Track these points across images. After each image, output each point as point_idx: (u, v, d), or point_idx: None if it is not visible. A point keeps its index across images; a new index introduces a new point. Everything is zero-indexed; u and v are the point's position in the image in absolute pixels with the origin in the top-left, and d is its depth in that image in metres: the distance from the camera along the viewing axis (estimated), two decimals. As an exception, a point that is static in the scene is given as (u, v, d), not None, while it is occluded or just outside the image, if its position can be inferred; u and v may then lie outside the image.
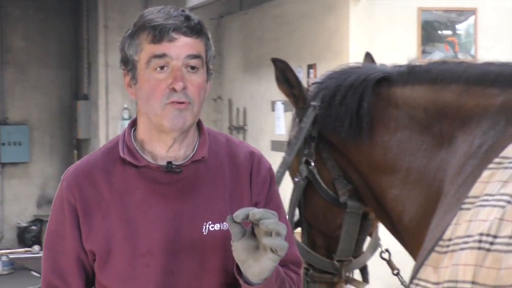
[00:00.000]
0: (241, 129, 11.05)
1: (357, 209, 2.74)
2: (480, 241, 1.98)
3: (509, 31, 8.41)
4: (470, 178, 2.20)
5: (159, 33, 2.18)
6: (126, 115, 11.27)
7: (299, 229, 2.91)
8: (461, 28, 8.37)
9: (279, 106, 9.35)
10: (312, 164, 2.75)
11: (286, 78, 2.87)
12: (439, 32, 8.35)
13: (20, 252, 5.96)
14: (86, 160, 2.33)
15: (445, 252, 2.08)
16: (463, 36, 8.40)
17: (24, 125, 12.02)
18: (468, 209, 2.09)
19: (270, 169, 2.37)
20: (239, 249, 2.08)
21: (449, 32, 8.37)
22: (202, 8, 10.78)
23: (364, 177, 2.67)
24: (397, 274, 2.96)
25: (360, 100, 2.64)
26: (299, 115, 2.84)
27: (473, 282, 1.95)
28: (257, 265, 2.07)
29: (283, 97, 2.97)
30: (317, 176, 2.74)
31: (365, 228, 2.82)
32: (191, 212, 2.24)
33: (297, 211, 2.86)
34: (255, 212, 2.03)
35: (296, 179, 2.80)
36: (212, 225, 2.24)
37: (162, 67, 2.18)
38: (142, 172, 2.25)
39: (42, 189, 12.21)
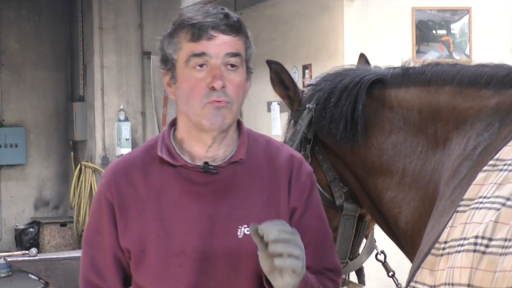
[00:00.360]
0: (237, 129, 11.02)
1: (353, 212, 2.75)
2: (475, 244, 1.98)
3: (503, 30, 8.43)
4: (465, 180, 2.21)
5: (198, 31, 2.17)
6: (122, 117, 11.27)
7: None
8: (455, 27, 8.39)
9: (275, 107, 9.36)
10: (308, 166, 2.75)
11: (281, 80, 2.87)
12: (434, 31, 8.36)
13: (18, 255, 5.94)
14: (126, 158, 2.34)
15: (441, 255, 2.08)
16: (457, 35, 8.42)
17: (20, 127, 12.02)
18: (464, 211, 2.10)
19: (311, 173, 2.35)
20: (263, 261, 2.06)
21: (443, 32, 8.38)
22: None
23: (359, 179, 2.68)
24: (393, 276, 2.96)
25: (354, 103, 2.64)
26: (294, 117, 2.84)
27: (469, 285, 1.96)
28: (280, 279, 2.04)
29: (279, 98, 2.98)
30: (313, 179, 2.75)
31: (361, 230, 2.82)
32: (226, 214, 2.22)
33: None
34: (267, 233, 2.00)
35: (292, 182, 2.81)
36: (248, 228, 2.21)
37: (201, 65, 2.17)
38: (179, 172, 2.25)
39: (39, 191, 12.21)
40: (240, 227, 2.22)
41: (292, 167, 2.31)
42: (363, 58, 3.05)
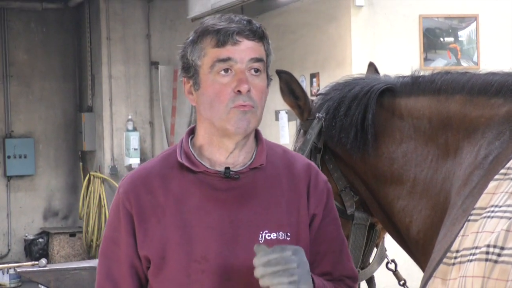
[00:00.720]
0: (245, 138, 11.02)
1: (364, 221, 2.74)
2: (487, 253, 1.98)
3: (511, 36, 8.42)
4: (476, 189, 2.21)
5: (223, 37, 2.19)
6: (130, 127, 11.29)
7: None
8: (463, 34, 8.38)
9: (283, 116, 9.36)
10: (318, 176, 2.75)
11: (291, 90, 2.87)
12: (441, 39, 8.36)
13: (27, 266, 5.96)
14: (143, 167, 2.35)
15: (453, 264, 2.08)
16: (465, 42, 8.41)
17: (29, 138, 12.05)
18: (475, 220, 2.10)
19: (326, 182, 2.38)
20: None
21: (451, 39, 8.38)
22: (204, 19, 10.79)
23: (370, 188, 2.68)
24: (404, 285, 2.96)
25: (364, 112, 2.64)
26: (304, 127, 2.84)
27: (481, 294, 1.96)
28: None
29: (287, 106, 2.98)
30: (324, 188, 2.74)
31: (372, 239, 2.82)
32: (248, 220, 2.24)
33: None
34: (257, 271, 2.08)
35: (302, 191, 2.81)
36: (269, 234, 2.24)
37: (226, 70, 2.19)
38: (199, 178, 2.26)
39: (48, 202, 12.22)
40: (261, 232, 2.24)
41: (310, 175, 2.34)
42: (372, 67, 3.05)
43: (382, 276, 3.07)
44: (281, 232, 2.24)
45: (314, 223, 2.31)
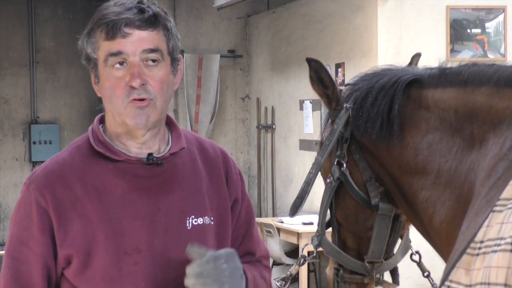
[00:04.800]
0: (269, 128, 11.07)
1: (388, 211, 2.75)
2: (512, 244, 1.99)
3: (538, 29, 8.38)
4: (501, 180, 2.21)
5: (112, 30, 2.12)
6: (155, 114, 11.33)
7: (330, 230, 2.93)
8: (490, 26, 8.35)
9: (308, 105, 9.37)
10: (344, 165, 2.76)
11: (320, 78, 2.86)
12: (468, 30, 8.33)
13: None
14: (54, 161, 2.23)
15: (477, 254, 2.09)
16: (492, 34, 8.37)
17: (55, 124, 12.13)
18: (500, 211, 2.10)
19: (236, 165, 2.42)
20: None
21: (478, 31, 8.35)
22: (229, 7, 10.82)
23: (395, 179, 2.69)
24: (428, 276, 2.96)
25: (391, 102, 2.65)
26: (332, 116, 2.85)
27: (505, 285, 1.95)
28: None
29: (311, 96, 3.00)
30: (349, 178, 2.75)
31: (396, 230, 2.82)
32: (174, 206, 2.20)
33: (328, 212, 2.88)
34: (188, 281, 2.11)
35: (328, 180, 2.82)
36: (196, 219, 2.22)
37: (121, 63, 2.12)
38: (120, 167, 2.18)
39: (72, 188, 12.30)
40: (188, 218, 2.21)
41: (225, 160, 2.36)
42: (417, 57, 3.01)
43: (404, 266, 3.08)
44: (206, 217, 2.24)
45: (235, 207, 2.34)
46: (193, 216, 2.22)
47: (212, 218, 2.26)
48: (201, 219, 2.23)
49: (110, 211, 2.15)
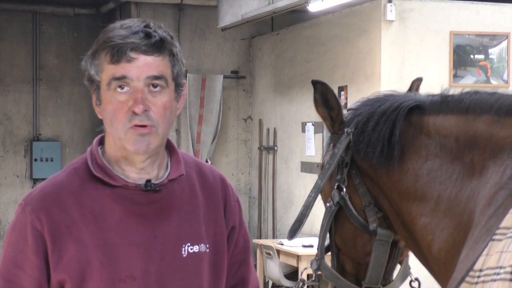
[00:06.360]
0: (271, 149, 11.07)
1: (386, 237, 2.74)
2: None
3: (542, 56, 8.39)
4: (501, 209, 2.20)
5: (117, 53, 2.08)
6: (157, 134, 11.33)
7: (329, 254, 2.92)
8: (493, 52, 8.36)
9: (310, 128, 9.37)
10: (344, 190, 2.76)
11: (326, 100, 2.85)
12: (471, 56, 8.34)
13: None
14: (51, 183, 2.20)
15: (476, 283, 2.08)
16: (495, 60, 8.39)
17: (56, 142, 12.13)
18: (500, 240, 2.09)
19: (235, 192, 2.41)
20: None
21: (481, 57, 8.36)
22: (233, 28, 10.85)
23: (394, 204, 2.68)
24: (426, 303, 2.95)
25: (392, 127, 2.65)
26: (333, 140, 2.85)
27: (503, 314, 1.95)
28: None
29: (313, 118, 3.00)
30: (348, 203, 2.75)
31: (395, 257, 2.81)
32: (171, 234, 2.18)
33: (328, 236, 2.87)
34: None
35: (328, 204, 2.82)
36: (191, 247, 2.20)
37: (122, 87, 2.08)
38: (117, 192, 2.15)
39: (73, 206, 12.29)
40: (184, 246, 2.19)
41: (224, 187, 2.33)
42: (417, 82, 3.00)
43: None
44: (202, 244, 2.21)
45: (233, 235, 2.32)
46: (189, 244, 2.19)
47: (207, 246, 2.23)
48: (197, 247, 2.20)
49: (106, 236, 2.12)
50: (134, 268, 2.12)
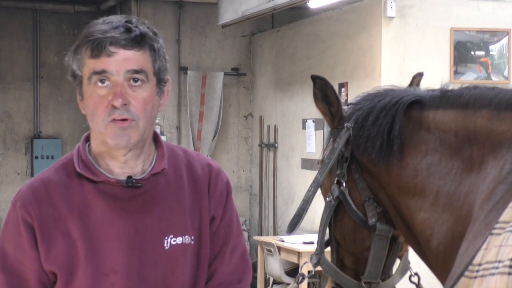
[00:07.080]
0: (272, 146, 11.07)
1: (386, 232, 2.74)
2: (510, 267, 1.98)
3: (542, 52, 8.39)
4: (500, 203, 2.20)
5: (97, 48, 2.10)
6: (157, 131, 11.31)
7: (329, 248, 2.92)
8: (494, 48, 8.36)
9: (310, 125, 9.37)
10: (344, 184, 2.76)
11: (325, 95, 2.85)
12: (472, 52, 8.34)
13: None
14: (39, 178, 2.24)
15: (475, 277, 2.08)
16: (496, 56, 8.39)
17: (57, 139, 12.14)
18: (498, 234, 2.09)
19: (228, 183, 2.35)
20: None
21: (482, 53, 8.36)
22: (234, 25, 10.85)
23: (393, 199, 2.68)
24: (426, 298, 2.95)
25: (392, 122, 2.65)
26: (333, 135, 2.85)
27: (502, 308, 1.95)
28: None
29: (314, 115, 3.00)
30: (348, 197, 2.75)
31: (394, 251, 2.81)
32: (153, 227, 2.19)
33: (327, 231, 2.87)
34: None
35: (328, 199, 2.82)
36: (174, 239, 2.21)
37: (102, 81, 2.11)
38: (100, 188, 2.18)
39: (74, 203, 12.30)
40: (166, 238, 2.20)
41: (210, 176, 2.31)
42: (418, 77, 3.00)
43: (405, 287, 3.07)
44: (186, 236, 2.22)
45: (213, 224, 2.30)
46: (172, 236, 2.20)
47: (193, 238, 2.24)
48: (181, 238, 2.21)
49: (90, 230, 2.16)
50: (116, 261, 2.15)
